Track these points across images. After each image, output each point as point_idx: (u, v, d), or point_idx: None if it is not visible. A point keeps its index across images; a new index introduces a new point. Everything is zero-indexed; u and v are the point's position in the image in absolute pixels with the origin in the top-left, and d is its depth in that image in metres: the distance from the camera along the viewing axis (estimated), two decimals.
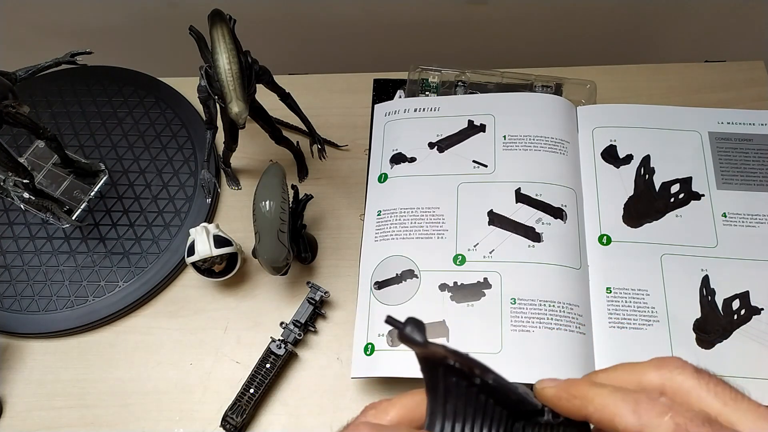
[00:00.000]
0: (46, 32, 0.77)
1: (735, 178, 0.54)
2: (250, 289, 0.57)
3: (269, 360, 0.51)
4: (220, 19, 0.43)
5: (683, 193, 0.54)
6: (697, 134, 0.56)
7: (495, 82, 0.62)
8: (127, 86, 0.66)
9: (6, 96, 0.47)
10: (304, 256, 0.56)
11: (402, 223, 0.54)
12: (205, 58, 0.47)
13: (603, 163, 0.56)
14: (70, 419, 0.52)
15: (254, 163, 0.63)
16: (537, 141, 0.56)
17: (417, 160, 0.57)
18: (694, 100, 0.63)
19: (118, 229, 0.58)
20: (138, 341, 0.55)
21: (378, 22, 0.76)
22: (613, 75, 0.65)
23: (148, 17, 0.75)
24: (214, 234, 0.52)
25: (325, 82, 0.67)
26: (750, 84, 0.64)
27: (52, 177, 0.60)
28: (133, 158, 0.62)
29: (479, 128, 0.58)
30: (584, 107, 0.59)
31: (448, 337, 0.48)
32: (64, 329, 0.55)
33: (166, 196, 0.60)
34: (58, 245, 0.58)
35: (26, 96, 0.64)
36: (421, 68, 0.63)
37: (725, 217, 0.53)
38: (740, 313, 0.49)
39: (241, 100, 0.43)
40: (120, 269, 0.57)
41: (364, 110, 0.64)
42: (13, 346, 0.55)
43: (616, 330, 0.49)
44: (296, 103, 0.54)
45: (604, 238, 0.52)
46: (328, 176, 0.62)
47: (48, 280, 0.56)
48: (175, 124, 0.64)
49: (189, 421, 0.52)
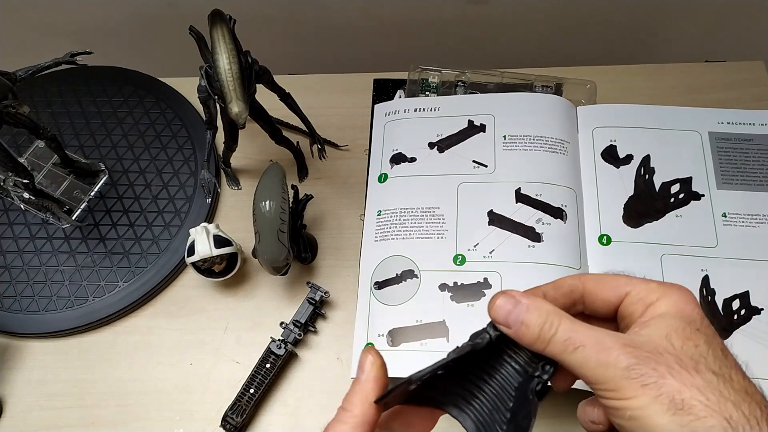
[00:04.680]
0: (46, 32, 0.77)
1: (735, 178, 0.54)
2: (250, 289, 0.57)
3: (269, 360, 0.51)
4: (220, 19, 0.43)
5: (683, 193, 0.54)
6: (697, 134, 0.56)
7: (495, 82, 0.62)
8: (127, 86, 0.66)
9: (6, 96, 0.47)
10: (304, 256, 0.56)
11: (402, 223, 0.54)
12: (205, 58, 0.47)
13: (603, 163, 0.56)
14: (70, 419, 0.52)
15: (254, 163, 0.63)
16: (537, 141, 0.56)
17: (417, 160, 0.57)
18: (694, 100, 0.63)
19: (118, 229, 0.58)
20: (138, 341, 0.55)
21: (378, 22, 0.76)
22: (613, 75, 0.65)
23: (148, 17, 0.75)
24: (214, 234, 0.52)
25: (325, 82, 0.67)
26: (750, 84, 0.64)
27: (52, 177, 0.60)
28: (133, 158, 0.62)
29: (479, 128, 0.58)
30: (584, 107, 0.59)
31: (448, 337, 0.48)
32: (64, 329, 0.55)
33: (166, 196, 0.60)
34: (58, 245, 0.58)
35: (26, 96, 0.64)
36: (421, 68, 0.63)
37: (725, 217, 0.53)
38: (740, 313, 0.49)
39: (241, 100, 0.43)
40: (120, 269, 0.57)
41: (364, 110, 0.64)
42: (13, 346, 0.55)
43: None
44: (296, 103, 0.54)
45: (604, 238, 0.52)
46: (328, 176, 0.62)
47: (48, 280, 0.56)
48: (175, 124, 0.64)
49: (189, 421, 0.52)
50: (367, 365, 0.27)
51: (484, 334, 0.27)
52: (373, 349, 0.27)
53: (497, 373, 0.28)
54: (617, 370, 0.24)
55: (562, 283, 0.29)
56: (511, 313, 0.27)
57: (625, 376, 0.23)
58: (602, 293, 0.28)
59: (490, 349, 0.27)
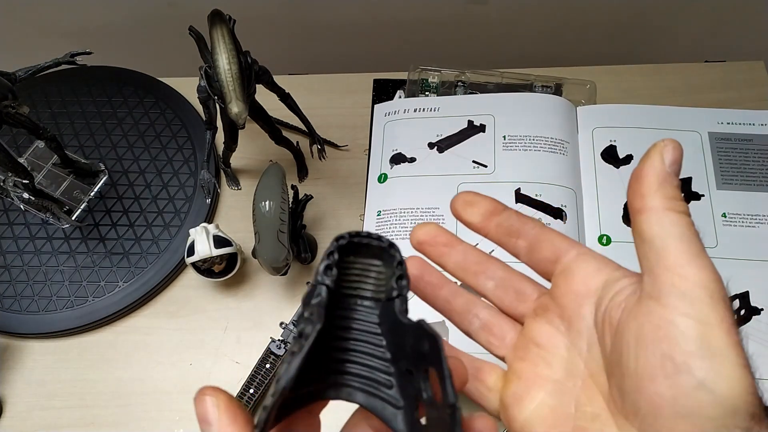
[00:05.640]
0: (46, 32, 0.77)
1: (735, 178, 0.54)
2: (249, 290, 0.57)
3: (269, 360, 0.51)
4: (219, 19, 0.43)
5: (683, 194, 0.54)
6: (697, 134, 0.56)
7: (495, 82, 0.62)
8: (127, 86, 0.66)
9: (6, 96, 0.47)
10: (304, 256, 0.56)
11: (402, 223, 0.54)
12: (205, 58, 0.47)
13: (603, 164, 0.56)
14: (70, 419, 0.52)
15: (254, 163, 0.63)
16: (537, 141, 0.56)
17: (417, 160, 0.57)
18: (694, 100, 0.63)
19: (117, 229, 0.58)
20: (138, 341, 0.55)
21: (378, 22, 0.76)
22: (613, 75, 0.65)
23: (148, 17, 0.75)
24: (214, 234, 0.52)
25: (325, 82, 0.67)
26: (750, 84, 0.64)
27: (52, 177, 0.60)
28: (133, 158, 0.62)
29: (479, 128, 0.58)
30: (584, 107, 0.59)
31: (449, 337, 0.48)
32: (64, 329, 0.55)
33: (166, 197, 0.60)
34: (57, 245, 0.58)
35: (26, 96, 0.64)
36: (421, 68, 0.63)
37: (725, 218, 0.53)
38: (740, 313, 0.49)
39: (241, 101, 0.43)
40: (120, 269, 0.57)
41: (364, 110, 0.64)
42: (13, 346, 0.55)
43: None
44: (296, 103, 0.54)
45: (604, 238, 0.52)
46: (328, 176, 0.62)
47: (48, 281, 0.56)
48: (174, 124, 0.64)
49: (189, 421, 0.52)
50: (211, 414, 0.20)
51: (318, 288, 0.23)
52: (208, 390, 0.20)
53: (353, 323, 0.24)
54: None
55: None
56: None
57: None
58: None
59: (333, 301, 0.23)
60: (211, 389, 0.20)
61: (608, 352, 0.23)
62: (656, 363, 0.20)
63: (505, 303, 0.28)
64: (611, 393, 0.23)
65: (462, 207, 0.28)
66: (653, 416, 0.20)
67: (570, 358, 0.25)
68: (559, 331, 0.25)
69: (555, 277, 0.26)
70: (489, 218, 0.28)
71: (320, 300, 0.22)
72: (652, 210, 0.22)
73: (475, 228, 0.27)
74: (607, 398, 0.23)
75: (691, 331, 0.20)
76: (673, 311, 0.20)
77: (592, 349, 0.24)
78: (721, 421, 0.19)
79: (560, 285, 0.26)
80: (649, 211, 0.22)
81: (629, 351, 0.21)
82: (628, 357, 0.21)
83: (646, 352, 0.21)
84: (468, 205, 0.28)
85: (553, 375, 0.25)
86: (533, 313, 0.27)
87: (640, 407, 0.21)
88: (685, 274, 0.21)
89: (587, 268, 0.25)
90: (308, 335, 0.20)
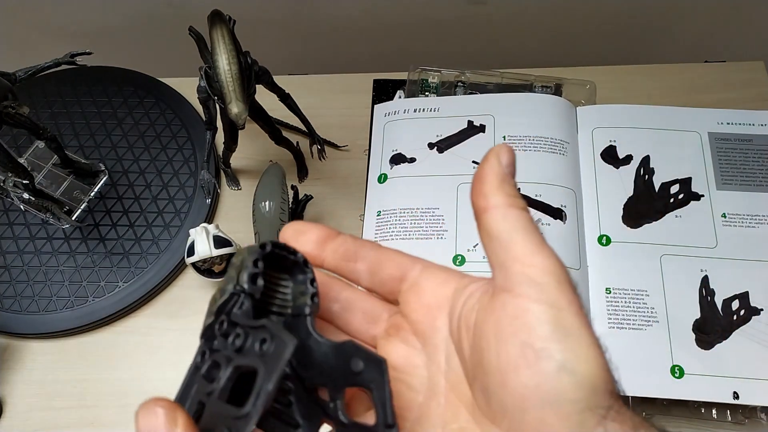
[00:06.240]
0: (46, 32, 0.77)
1: (735, 178, 0.54)
2: None
3: None
4: (219, 19, 0.43)
5: (683, 194, 0.54)
6: (697, 135, 0.56)
7: (495, 82, 0.62)
8: (127, 86, 0.66)
9: (6, 96, 0.47)
10: None
11: (402, 224, 0.54)
12: (205, 58, 0.47)
13: (603, 164, 0.56)
14: (70, 419, 0.52)
15: (254, 163, 0.63)
16: (536, 141, 0.56)
17: (417, 160, 0.57)
18: (694, 100, 0.63)
19: (117, 229, 0.58)
20: (138, 341, 0.55)
21: (378, 22, 0.76)
22: (613, 75, 0.65)
23: (148, 17, 0.75)
24: (214, 234, 0.52)
25: (325, 82, 0.67)
26: (750, 84, 0.64)
27: (52, 177, 0.60)
28: (133, 159, 0.62)
29: (479, 129, 0.58)
30: (584, 107, 0.59)
31: None
32: (64, 329, 0.55)
33: (166, 197, 0.60)
34: (58, 246, 0.58)
35: (26, 96, 0.64)
36: (421, 68, 0.63)
37: (725, 218, 0.53)
38: (740, 313, 0.49)
39: (241, 101, 0.43)
40: (120, 269, 0.57)
41: (364, 110, 0.64)
42: (13, 347, 0.55)
43: (616, 330, 0.49)
44: (296, 103, 0.54)
45: (603, 238, 0.52)
46: (328, 176, 0.62)
47: (48, 281, 0.56)
48: (175, 124, 0.64)
49: None
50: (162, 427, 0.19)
51: (241, 297, 0.22)
52: (160, 402, 0.19)
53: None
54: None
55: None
56: None
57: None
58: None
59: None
60: (163, 404, 0.19)
61: (468, 356, 0.23)
62: (517, 353, 0.20)
63: (353, 327, 0.26)
64: (476, 399, 0.22)
65: (293, 236, 0.26)
66: (520, 410, 0.20)
67: (430, 376, 0.24)
68: (415, 348, 0.25)
69: (403, 294, 0.26)
70: (322, 245, 0.26)
71: (246, 310, 0.21)
72: (496, 207, 0.23)
73: (311, 257, 0.25)
74: (471, 408, 0.23)
75: (544, 316, 0.20)
76: (526, 299, 0.21)
77: (451, 360, 0.24)
78: (585, 402, 0.19)
79: (410, 301, 0.25)
80: (494, 208, 0.23)
81: (490, 348, 0.21)
82: (489, 354, 0.21)
83: (507, 344, 0.21)
84: (299, 234, 0.26)
85: (416, 398, 0.24)
86: (386, 333, 0.26)
87: (507, 404, 0.21)
88: (533, 262, 0.21)
89: (435, 280, 0.25)
90: (267, 353, 0.19)
